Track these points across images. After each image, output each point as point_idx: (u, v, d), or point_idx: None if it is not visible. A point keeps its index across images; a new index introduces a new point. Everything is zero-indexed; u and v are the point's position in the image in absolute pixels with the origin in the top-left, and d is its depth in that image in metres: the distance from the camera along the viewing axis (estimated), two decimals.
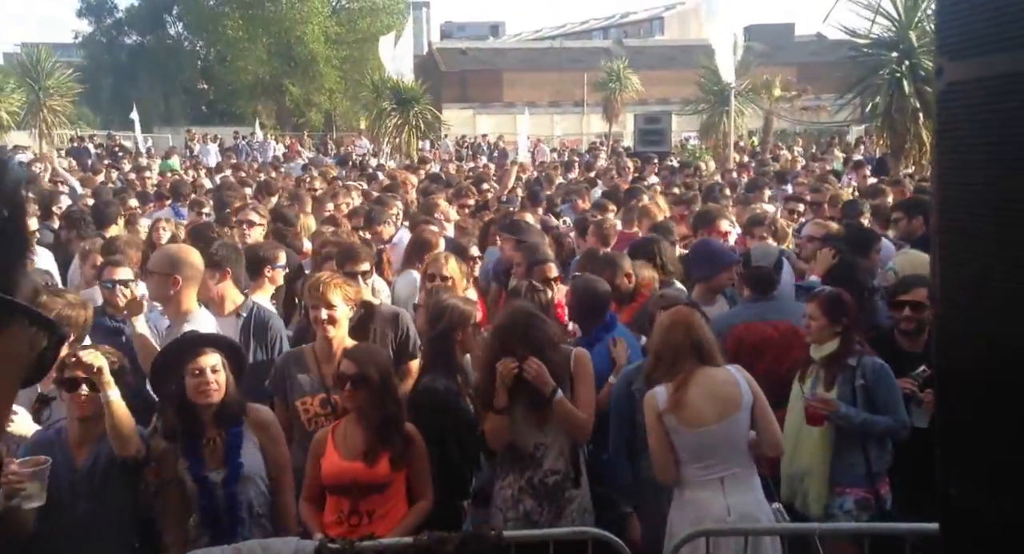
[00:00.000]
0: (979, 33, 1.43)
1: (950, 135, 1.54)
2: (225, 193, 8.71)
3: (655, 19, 59.44)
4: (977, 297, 1.46)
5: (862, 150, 17.69)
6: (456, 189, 9.13)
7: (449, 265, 4.65)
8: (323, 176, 12.19)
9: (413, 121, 17.44)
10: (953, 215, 1.56)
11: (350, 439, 3.24)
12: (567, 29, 64.58)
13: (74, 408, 3.12)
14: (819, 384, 3.75)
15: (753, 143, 22.20)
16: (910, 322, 4.03)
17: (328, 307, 3.66)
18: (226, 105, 41.70)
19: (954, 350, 1.52)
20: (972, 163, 1.46)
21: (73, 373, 3.07)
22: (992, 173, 1.42)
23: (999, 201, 1.42)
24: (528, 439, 3.44)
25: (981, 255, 1.47)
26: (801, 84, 22.23)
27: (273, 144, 25.95)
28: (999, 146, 1.40)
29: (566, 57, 42.07)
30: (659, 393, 3.28)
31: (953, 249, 1.54)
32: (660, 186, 10.52)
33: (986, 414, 1.44)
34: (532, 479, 3.41)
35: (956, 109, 1.51)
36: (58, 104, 20.36)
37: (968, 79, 1.46)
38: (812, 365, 3.82)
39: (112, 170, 15.18)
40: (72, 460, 3.11)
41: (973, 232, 1.48)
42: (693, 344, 3.30)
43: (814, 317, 3.80)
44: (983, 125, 1.44)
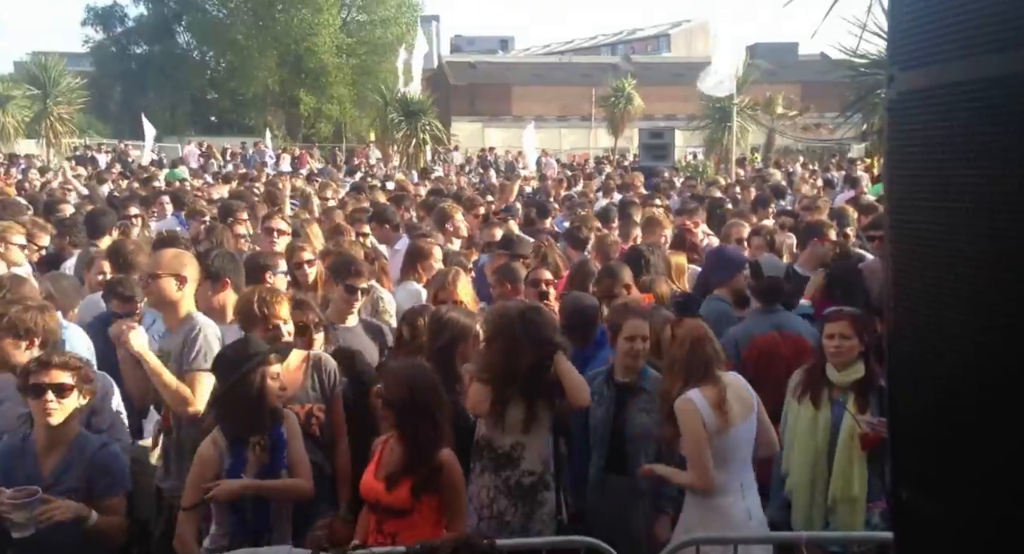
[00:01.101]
0: (928, 43, 1.45)
1: (901, 144, 1.54)
2: (234, 203, 8.61)
3: (662, 36, 59.77)
4: (929, 306, 1.47)
5: (861, 167, 17.75)
6: (465, 200, 9.18)
7: (459, 287, 4.60)
8: (325, 187, 12.23)
9: (421, 134, 17.62)
10: (904, 223, 1.56)
11: (388, 456, 3.15)
12: (575, 45, 64.97)
13: (40, 415, 3.08)
14: (848, 407, 3.62)
15: (755, 159, 22.33)
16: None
17: (280, 320, 3.64)
18: (236, 116, 42.00)
19: (906, 360, 1.55)
20: (922, 173, 1.46)
21: (39, 380, 3.05)
22: (941, 180, 1.42)
23: (949, 209, 1.41)
24: (507, 438, 3.48)
25: (932, 265, 1.47)
26: (804, 102, 22.38)
27: (269, 152, 25.55)
28: (949, 155, 1.40)
29: (574, 72, 42.35)
30: (696, 398, 3.32)
31: (905, 258, 1.56)
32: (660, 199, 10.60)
33: (938, 421, 1.46)
34: (509, 479, 3.45)
35: (907, 118, 1.51)
36: (66, 112, 20.52)
37: (918, 88, 1.47)
38: (829, 388, 3.67)
39: (122, 179, 15.34)
40: (39, 467, 3.08)
41: (924, 240, 1.49)
42: (717, 353, 3.44)
43: (847, 336, 3.65)
44: (933, 134, 1.44)
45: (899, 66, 1.52)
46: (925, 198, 1.48)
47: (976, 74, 1.34)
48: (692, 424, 3.30)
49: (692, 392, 3.34)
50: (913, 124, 1.50)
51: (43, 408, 3.06)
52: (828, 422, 3.64)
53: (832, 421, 3.64)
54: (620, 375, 3.81)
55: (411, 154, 17.92)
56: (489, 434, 3.54)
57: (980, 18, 1.33)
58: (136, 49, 43.67)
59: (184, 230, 7.77)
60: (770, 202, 8.99)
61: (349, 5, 41.03)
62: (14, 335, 3.48)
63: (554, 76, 41.93)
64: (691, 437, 3.31)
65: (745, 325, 4.56)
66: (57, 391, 3.07)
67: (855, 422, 3.56)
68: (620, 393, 3.77)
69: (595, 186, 13.27)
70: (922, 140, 1.48)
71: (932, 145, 1.45)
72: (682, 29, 58.16)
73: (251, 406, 3.08)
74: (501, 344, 3.51)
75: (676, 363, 3.46)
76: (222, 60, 42.25)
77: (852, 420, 3.58)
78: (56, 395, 3.06)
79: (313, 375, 3.68)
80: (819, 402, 3.66)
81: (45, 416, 3.07)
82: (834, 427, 3.63)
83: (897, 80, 1.51)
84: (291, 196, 10.17)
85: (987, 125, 1.33)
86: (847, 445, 3.58)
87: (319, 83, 39.55)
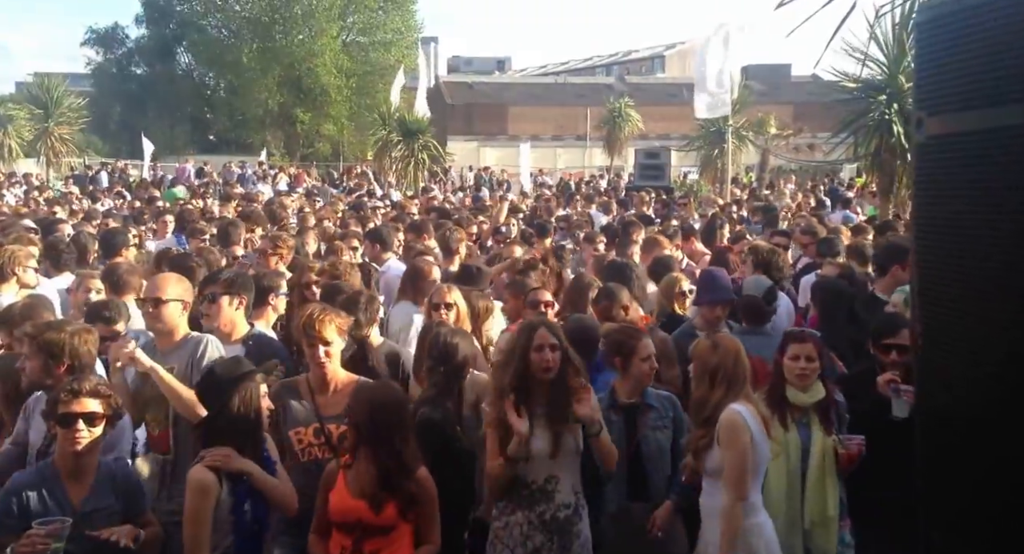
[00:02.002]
0: (956, 91, 1.54)
1: (930, 184, 1.64)
2: (236, 223, 8.64)
3: (656, 57, 60.35)
4: (959, 343, 1.51)
5: (854, 189, 17.95)
6: (462, 220, 9.26)
7: (452, 293, 4.68)
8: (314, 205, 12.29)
9: (419, 153, 17.75)
10: (931, 262, 1.63)
11: (361, 476, 3.10)
12: (571, 65, 65.48)
13: (69, 444, 3.00)
14: (813, 428, 3.64)
15: (749, 179, 22.53)
16: (896, 365, 3.90)
17: (324, 344, 3.63)
18: (235, 135, 42.19)
19: (938, 396, 1.59)
20: (950, 213, 1.54)
21: (69, 409, 3.00)
22: (969, 222, 1.50)
23: (976, 250, 1.48)
24: (540, 472, 3.33)
25: (961, 302, 1.53)
26: (797, 123, 22.64)
27: (251, 172, 25.71)
28: (974, 196, 1.49)
29: (570, 92, 42.78)
30: (744, 412, 3.27)
31: (933, 296, 1.61)
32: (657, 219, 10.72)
33: (970, 462, 1.50)
34: (544, 514, 3.30)
35: (936, 160, 1.61)
36: (67, 132, 20.64)
37: (946, 133, 1.57)
38: (792, 409, 3.66)
39: (118, 198, 15.40)
40: (68, 499, 3.01)
41: (951, 280, 1.55)
42: (749, 370, 3.42)
43: (811, 358, 3.66)
44: (960, 176, 1.53)
45: (927, 111, 1.61)
46: (951, 235, 1.55)
47: (1002, 122, 1.42)
48: (743, 438, 3.22)
49: (739, 405, 3.28)
50: (941, 165, 1.58)
51: (73, 437, 3.00)
52: (798, 444, 3.61)
53: (800, 443, 3.61)
54: (626, 397, 3.75)
55: (408, 173, 18.04)
56: (516, 470, 3.35)
57: (1005, 68, 1.42)
58: (136, 70, 43.87)
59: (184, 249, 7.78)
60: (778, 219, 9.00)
61: (349, 27, 41.40)
62: (49, 356, 3.50)
63: (550, 96, 42.33)
64: (739, 452, 3.22)
65: None
66: (88, 420, 3.02)
67: (835, 442, 3.58)
68: (629, 415, 3.71)
69: (594, 206, 13.37)
70: (949, 180, 1.56)
71: (959, 185, 1.53)
72: (676, 50, 58.73)
73: (247, 427, 3.08)
74: (511, 359, 3.39)
75: (719, 371, 3.34)
76: (222, 80, 42.48)
77: (822, 440, 3.58)
78: (87, 424, 3.02)
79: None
80: (786, 424, 3.62)
81: (74, 445, 3.01)
82: (803, 449, 3.61)
83: (926, 124, 1.60)
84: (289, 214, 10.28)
85: (1012, 171, 1.41)
86: (820, 466, 3.56)
87: (318, 103, 39.81)
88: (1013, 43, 1.40)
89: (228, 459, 3.03)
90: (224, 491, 3.00)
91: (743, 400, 3.32)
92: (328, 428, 3.62)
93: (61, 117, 20.42)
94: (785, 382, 3.68)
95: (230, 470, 3.02)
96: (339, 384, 3.70)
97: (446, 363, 3.74)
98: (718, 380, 3.34)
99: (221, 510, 2.99)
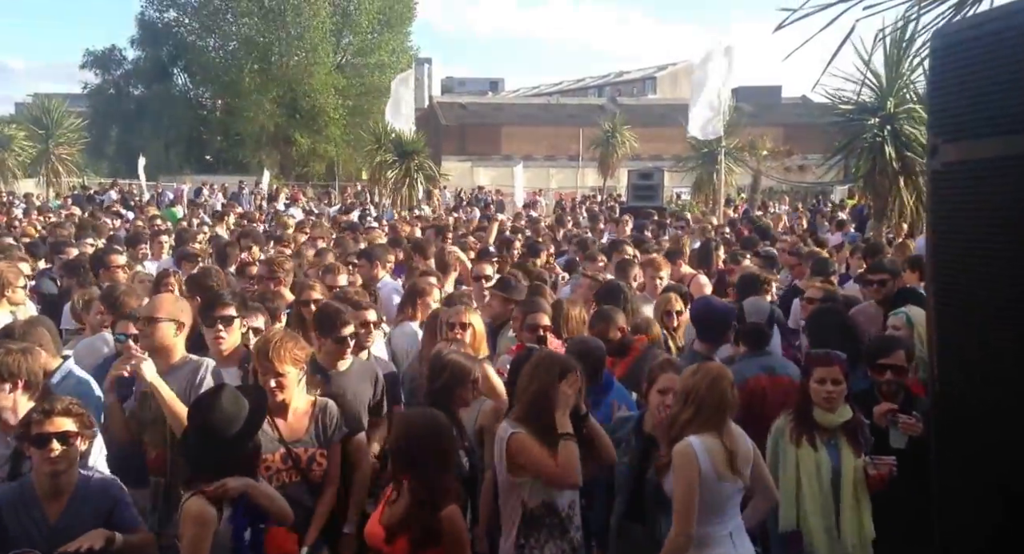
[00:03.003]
0: (971, 117, 1.53)
1: (944, 210, 1.63)
2: (238, 242, 8.63)
3: (648, 79, 60.97)
4: (975, 367, 1.49)
5: (846, 210, 18.14)
6: (457, 240, 9.32)
7: (469, 314, 4.69)
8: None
9: (414, 173, 17.84)
10: (948, 289, 1.61)
11: (392, 505, 3.11)
12: (564, 86, 66.12)
13: (45, 464, 2.99)
14: (843, 449, 3.65)
15: (741, 199, 22.74)
16: (891, 385, 4.02)
17: (276, 375, 3.54)
18: (231, 154, 42.22)
19: (955, 430, 1.58)
20: (965, 239, 1.54)
21: (43, 430, 2.98)
22: (985, 249, 1.50)
23: (992, 277, 1.47)
24: (565, 497, 3.36)
25: (977, 329, 1.51)
26: (787, 144, 22.89)
27: (247, 191, 25.80)
28: (988, 223, 1.48)
29: (562, 113, 43.16)
30: (696, 444, 3.20)
31: (949, 322, 1.60)
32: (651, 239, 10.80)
33: (987, 494, 1.50)
34: (573, 541, 3.36)
35: (950, 187, 1.60)
36: (67, 153, 20.70)
37: (962, 160, 1.56)
38: (820, 431, 3.67)
39: (116, 218, 15.38)
40: (44, 514, 3.02)
41: (968, 307, 1.54)
42: (732, 399, 3.33)
43: (838, 381, 3.66)
44: (974, 202, 1.53)
45: (943, 138, 1.62)
46: (965, 260, 1.57)
47: (1019, 150, 1.44)
48: (689, 472, 3.17)
49: (696, 438, 3.22)
50: (956, 192, 1.60)
51: (48, 457, 2.99)
52: (828, 465, 3.63)
53: (831, 463, 3.64)
54: (649, 427, 3.72)
55: (402, 193, 18.11)
56: (549, 498, 3.36)
57: (1022, 96, 1.44)
58: (134, 91, 43.93)
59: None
60: (757, 246, 9.12)
61: (344, 49, 41.67)
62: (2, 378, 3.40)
63: (543, 117, 42.69)
64: (685, 485, 3.17)
65: (735, 368, 4.45)
66: (62, 440, 3.00)
67: (865, 463, 3.59)
68: (646, 444, 3.68)
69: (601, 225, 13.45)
70: (963, 207, 1.58)
71: (974, 212, 1.55)
72: (668, 72, 59.38)
73: (246, 463, 3.09)
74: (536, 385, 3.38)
75: (691, 393, 3.31)
76: (219, 101, 42.59)
77: (854, 461, 3.60)
78: (61, 443, 3.00)
79: (317, 420, 3.66)
80: (815, 445, 3.64)
81: (51, 465, 3.00)
82: (834, 470, 3.62)
83: (941, 151, 1.62)
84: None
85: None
86: (852, 487, 3.58)
87: (314, 123, 39.97)
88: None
89: (226, 489, 3.00)
90: (224, 518, 2.98)
91: (711, 433, 3.25)
92: (295, 452, 3.58)
93: (61, 138, 20.47)
94: (812, 404, 3.71)
95: (231, 496, 3.00)
96: (299, 409, 3.66)
97: (435, 381, 3.76)
98: (688, 401, 3.31)
99: (221, 537, 2.98)
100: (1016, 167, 1.46)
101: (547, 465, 3.26)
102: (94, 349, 4.91)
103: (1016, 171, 1.46)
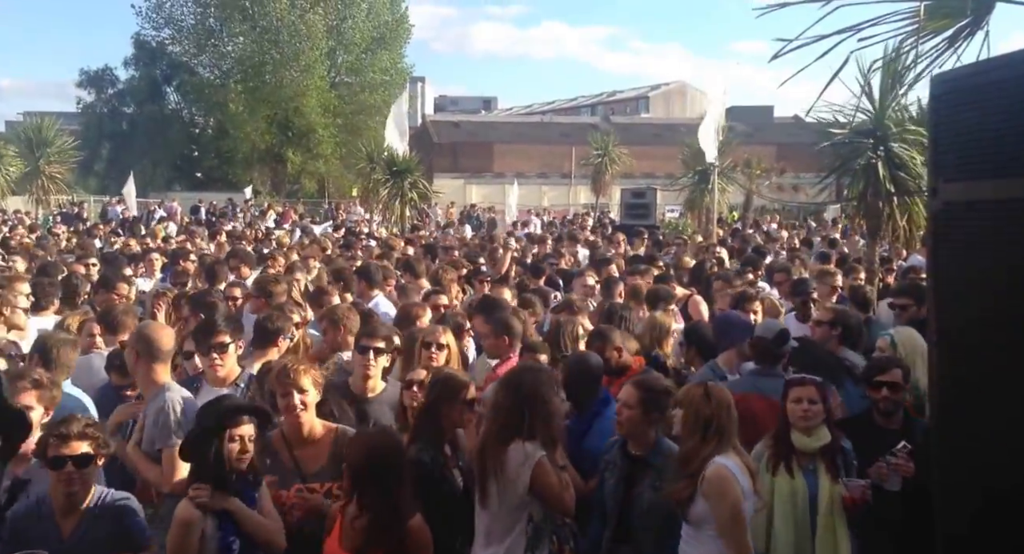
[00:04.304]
0: (971, 160, 1.57)
1: (946, 249, 1.65)
2: (229, 262, 8.62)
3: (641, 98, 61.44)
4: (975, 408, 1.53)
5: (839, 229, 18.22)
6: (451, 262, 9.27)
7: (445, 335, 4.68)
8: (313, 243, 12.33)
9: (408, 192, 17.81)
10: (950, 324, 1.63)
11: (354, 527, 3.07)
12: (556, 105, 66.50)
13: (62, 485, 3.10)
14: (820, 474, 3.64)
15: (733, 218, 22.83)
16: (888, 402, 4.03)
17: (300, 392, 3.54)
18: (222, 172, 42.17)
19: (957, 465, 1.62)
20: (967, 275, 1.57)
21: (59, 452, 3.07)
22: (986, 285, 1.53)
23: (993, 311, 1.51)
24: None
25: (977, 364, 1.54)
26: (779, 163, 23.02)
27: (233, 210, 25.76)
28: (991, 262, 1.51)
29: (555, 131, 43.37)
30: (731, 465, 3.22)
31: (949, 357, 1.62)
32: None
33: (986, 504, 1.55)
34: (564, 550, 3.44)
35: (951, 226, 1.63)
36: (57, 171, 20.68)
37: (962, 200, 1.60)
38: (796, 456, 3.65)
39: (112, 235, 15.32)
40: (58, 530, 3.10)
41: (968, 341, 1.57)
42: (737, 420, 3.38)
43: (814, 400, 3.67)
44: (976, 242, 1.56)
45: (943, 179, 1.65)
46: (967, 296, 1.59)
47: (1018, 193, 1.47)
48: (733, 491, 3.17)
49: (726, 459, 3.21)
50: (956, 231, 1.63)
51: (64, 479, 3.09)
52: (805, 492, 3.60)
53: (807, 490, 3.60)
54: (634, 447, 3.70)
55: (394, 211, 18.07)
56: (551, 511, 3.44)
57: (1021, 140, 1.46)
58: (126, 109, 43.94)
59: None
60: (756, 264, 9.14)
61: (338, 67, 41.76)
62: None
63: (535, 135, 42.89)
64: (732, 506, 3.16)
65: (729, 381, 4.55)
66: (77, 462, 3.10)
67: (841, 486, 3.58)
68: (632, 466, 3.67)
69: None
70: (963, 245, 1.61)
71: (973, 250, 1.57)
72: (660, 92, 59.85)
73: (215, 465, 3.10)
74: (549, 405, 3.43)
75: (712, 423, 3.29)
76: (211, 120, 42.58)
77: (830, 487, 3.58)
78: (77, 466, 3.10)
79: (336, 450, 3.56)
80: (792, 472, 3.62)
81: (67, 487, 3.10)
82: (811, 497, 3.59)
83: (941, 192, 1.64)
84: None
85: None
86: (828, 513, 3.56)
87: (306, 141, 39.98)
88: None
89: (208, 497, 3.03)
90: (210, 526, 3.04)
91: (732, 453, 3.28)
92: (312, 488, 3.50)
93: (52, 156, 20.47)
94: (790, 427, 3.70)
95: (214, 509, 3.05)
96: (316, 435, 3.60)
97: (428, 396, 3.76)
98: (711, 432, 3.30)
99: (209, 542, 3.03)
100: (1015, 209, 1.50)
101: (563, 499, 3.36)
102: (88, 368, 4.91)
103: (1014, 212, 1.50)
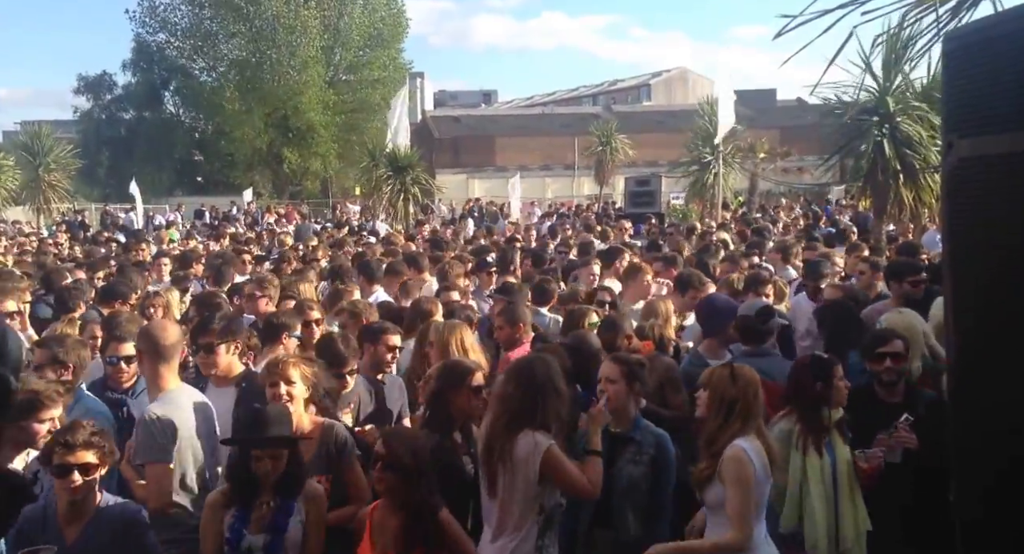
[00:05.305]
0: (985, 114, 1.55)
1: (960, 205, 1.64)
2: (228, 265, 8.63)
3: (642, 86, 61.18)
4: (993, 368, 1.51)
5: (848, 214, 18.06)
6: (456, 257, 9.23)
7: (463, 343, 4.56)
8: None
9: (411, 188, 17.77)
10: (966, 285, 1.61)
11: (385, 527, 3.11)
12: (558, 96, 66.33)
13: (66, 493, 3.12)
14: (836, 443, 3.65)
15: (738, 203, 22.69)
16: (891, 373, 4.05)
17: (287, 382, 3.59)
18: (222, 175, 42.28)
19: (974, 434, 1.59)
20: (982, 235, 1.55)
21: (64, 460, 3.08)
22: (1002, 242, 1.51)
23: (1010, 269, 1.49)
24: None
25: (994, 323, 1.52)
26: (783, 146, 22.87)
27: (248, 208, 25.88)
28: (1004, 217, 1.49)
29: (557, 122, 43.21)
30: (748, 448, 3.22)
31: (966, 316, 1.60)
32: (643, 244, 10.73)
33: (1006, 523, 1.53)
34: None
35: (966, 182, 1.61)
36: (57, 180, 20.74)
37: (977, 155, 1.57)
38: (821, 432, 3.63)
39: (111, 243, 15.33)
40: (61, 535, 3.12)
41: (985, 300, 1.55)
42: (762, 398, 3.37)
43: (842, 377, 3.71)
44: (990, 197, 1.54)
45: (957, 134, 1.62)
46: (982, 253, 1.57)
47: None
48: (746, 473, 3.17)
49: (744, 442, 3.22)
50: (970, 187, 1.61)
51: (68, 487, 3.11)
52: (829, 466, 3.61)
53: (830, 462, 3.62)
54: (614, 424, 3.68)
55: (397, 208, 18.03)
56: (558, 499, 3.40)
57: None
58: (124, 115, 44.09)
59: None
60: (761, 246, 9.07)
61: (337, 65, 41.72)
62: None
63: (537, 127, 42.74)
64: (742, 490, 3.17)
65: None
66: (82, 470, 3.11)
67: (856, 457, 3.61)
68: (612, 444, 3.63)
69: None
70: (978, 202, 1.59)
71: (988, 207, 1.55)
72: (662, 79, 59.58)
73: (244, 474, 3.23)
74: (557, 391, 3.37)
75: (737, 404, 3.29)
76: (210, 123, 42.66)
77: (844, 454, 3.60)
78: (81, 475, 3.11)
79: (324, 444, 3.60)
80: (821, 451, 3.59)
81: (71, 495, 3.12)
82: (833, 470, 3.60)
83: (956, 147, 1.61)
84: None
85: None
86: (847, 480, 3.59)
87: (305, 140, 40.00)
88: None
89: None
90: (229, 515, 3.16)
91: (753, 435, 3.26)
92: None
93: (52, 165, 20.52)
94: (825, 406, 3.62)
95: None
96: (304, 428, 3.60)
97: (435, 383, 3.75)
98: (736, 413, 3.28)
99: (226, 531, 3.16)
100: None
101: (580, 481, 3.31)
102: (91, 372, 4.87)
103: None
